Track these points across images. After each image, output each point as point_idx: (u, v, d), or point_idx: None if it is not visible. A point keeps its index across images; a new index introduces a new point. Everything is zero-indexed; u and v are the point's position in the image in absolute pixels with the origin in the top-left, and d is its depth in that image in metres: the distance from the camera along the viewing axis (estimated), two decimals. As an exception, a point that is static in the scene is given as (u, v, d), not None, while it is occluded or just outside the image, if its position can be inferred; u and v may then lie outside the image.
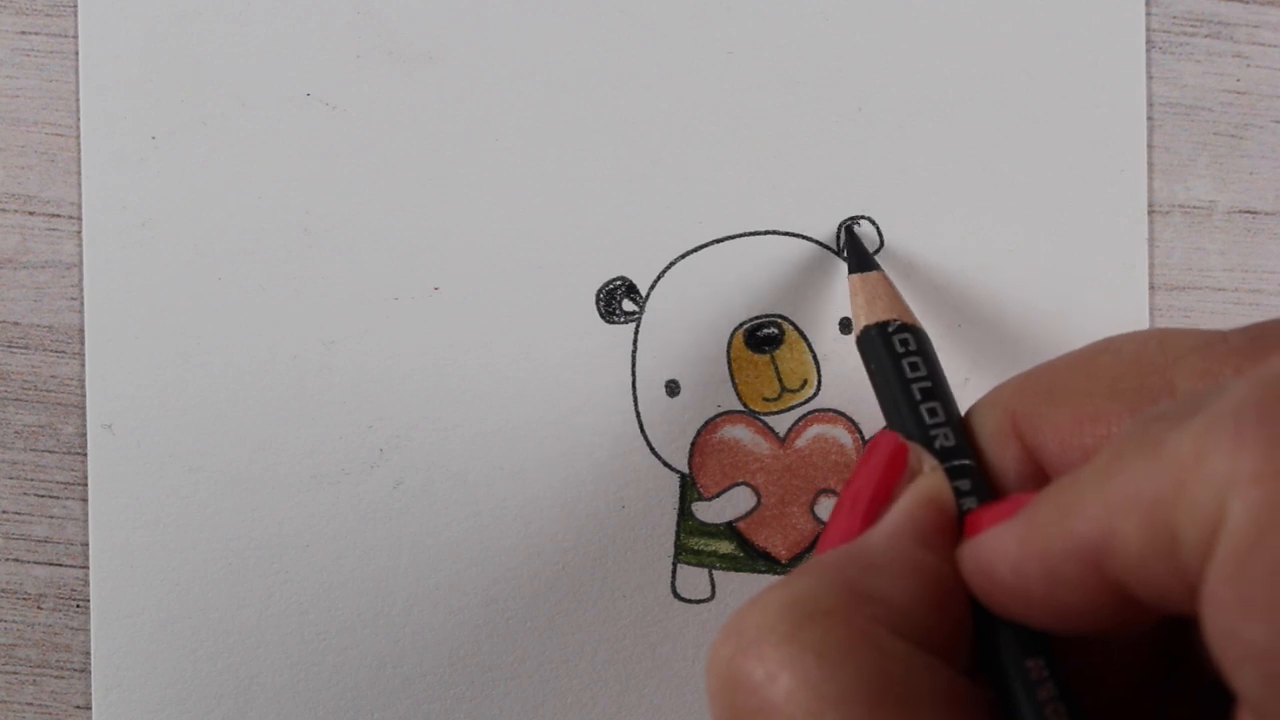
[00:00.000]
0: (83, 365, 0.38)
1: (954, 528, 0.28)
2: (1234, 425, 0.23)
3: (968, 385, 0.39)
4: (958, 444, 0.31)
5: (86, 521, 0.38)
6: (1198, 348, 0.27)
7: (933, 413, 0.32)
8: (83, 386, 0.38)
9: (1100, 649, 0.28)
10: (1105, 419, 0.28)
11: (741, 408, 0.39)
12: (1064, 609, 0.26)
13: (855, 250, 0.38)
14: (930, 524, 0.28)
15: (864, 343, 0.35)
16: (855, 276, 0.37)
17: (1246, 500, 0.22)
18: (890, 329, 0.34)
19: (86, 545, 0.38)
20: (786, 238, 0.39)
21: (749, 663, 0.25)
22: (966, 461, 0.30)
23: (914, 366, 0.33)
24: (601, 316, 0.39)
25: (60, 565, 0.39)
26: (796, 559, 0.39)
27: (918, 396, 0.32)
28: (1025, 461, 0.29)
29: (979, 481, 0.30)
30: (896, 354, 0.34)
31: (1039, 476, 0.29)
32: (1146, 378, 0.28)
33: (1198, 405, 0.24)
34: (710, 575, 0.39)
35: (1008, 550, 0.26)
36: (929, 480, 0.29)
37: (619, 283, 0.39)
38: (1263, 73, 0.40)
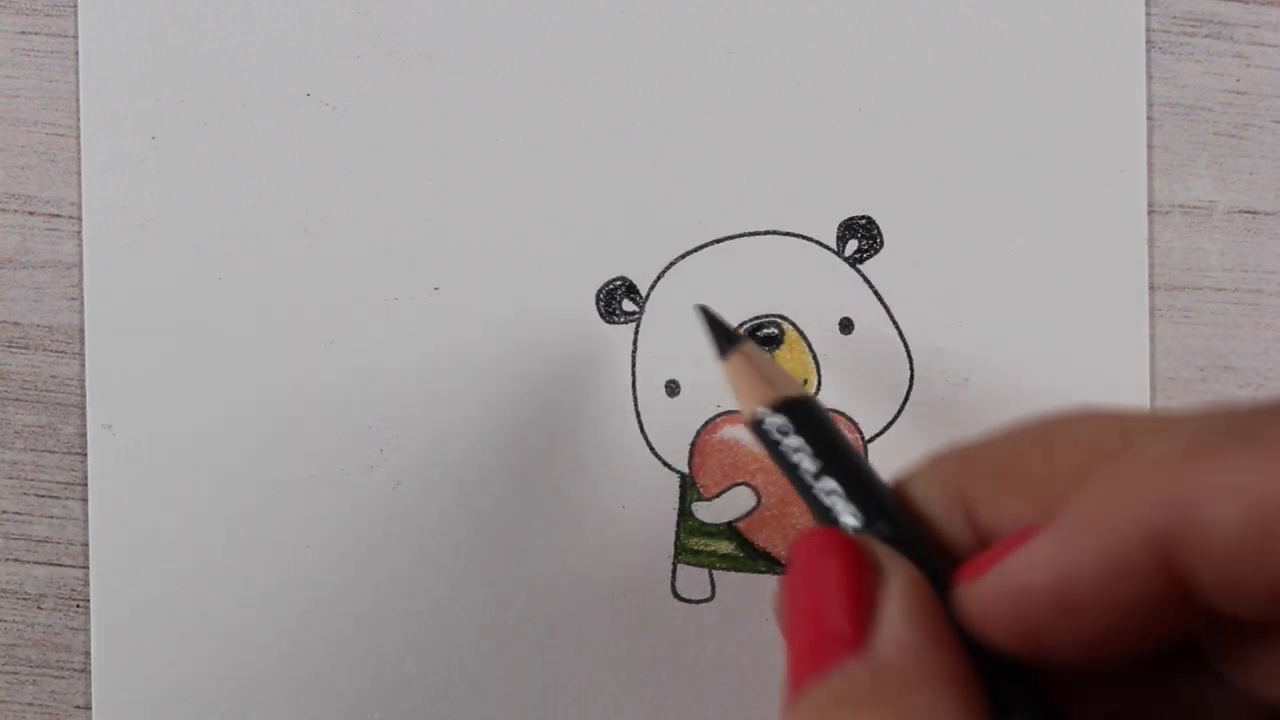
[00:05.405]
0: (83, 365, 0.38)
1: (945, 615, 0.27)
2: None
3: (968, 385, 0.39)
4: (899, 520, 0.29)
5: (86, 521, 0.38)
6: (1156, 433, 0.27)
7: (861, 490, 0.29)
8: (83, 386, 0.38)
9: (1103, 691, 0.28)
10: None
11: (741, 408, 0.39)
12: (1109, 613, 0.25)
13: (713, 331, 0.34)
14: (933, 620, 0.27)
15: (759, 432, 0.32)
16: (721, 365, 0.33)
17: None
18: (766, 421, 0.31)
19: (86, 545, 0.38)
20: (786, 238, 0.39)
21: None
22: (918, 538, 0.28)
23: (821, 446, 0.30)
24: (601, 316, 0.39)
25: (60, 565, 0.39)
26: (796, 559, 0.39)
27: (840, 478, 0.30)
28: (971, 538, 0.28)
29: (935, 555, 0.28)
30: (780, 445, 0.31)
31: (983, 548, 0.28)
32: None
33: None
34: (710, 575, 0.39)
35: (1049, 557, 0.25)
36: (904, 573, 0.27)
37: (619, 283, 0.39)
38: (1263, 73, 0.40)
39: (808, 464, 0.30)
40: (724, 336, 0.33)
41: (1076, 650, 0.26)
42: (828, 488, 0.29)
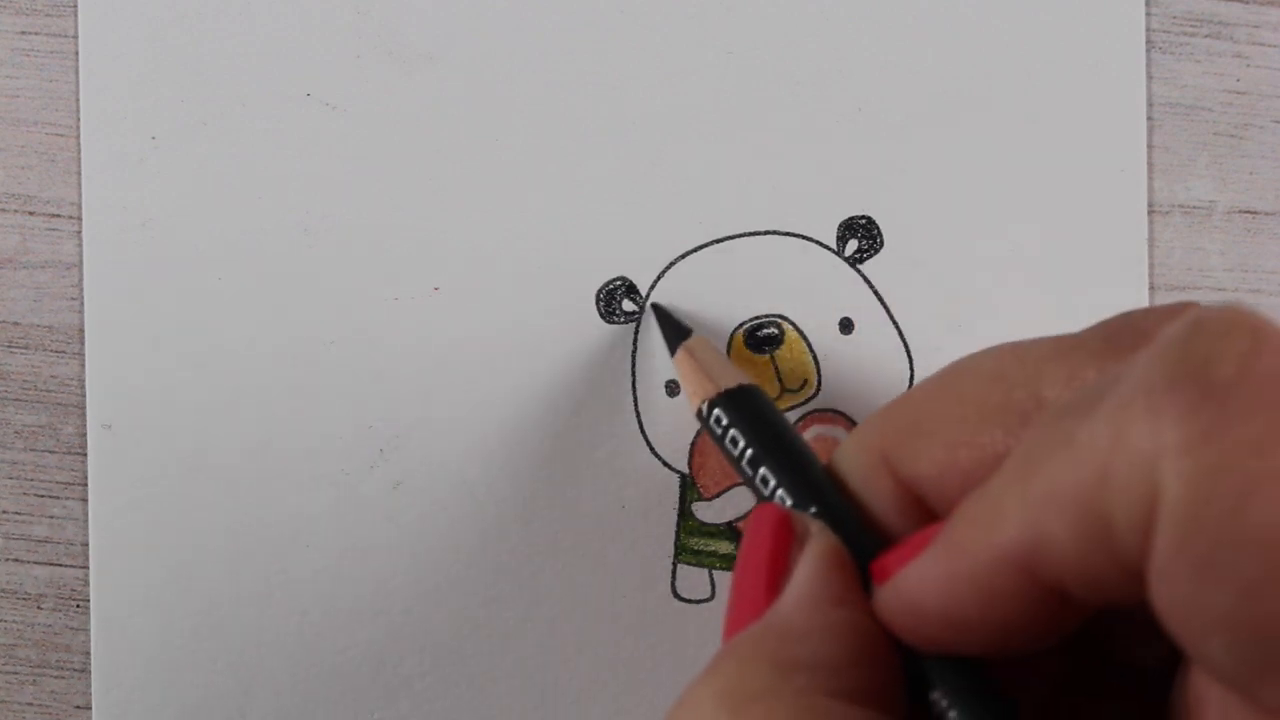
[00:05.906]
0: (83, 365, 0.38)
1: (859, 582, 0.28)
2: (1147, 402, 0.23)
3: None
4: (832, 499, 0.30)
5: (86, 521, 0.38)
6: (1055, 355, 0.27)
7: (794, 472, 0.31)
8: (83, 386, 0.38)
9: (1018, 663, 0.28)
10: (979, 441, 0.27)
11: (741, 408, 0.39)
12: (1000, 626, 0.25)
13: (664, 326, 0.38)
14: (837, 583, 0.28)
15: (705, 425, 0.35)
16: (675, 359, 0.37)
17: (1179, 470, 0.22)
18: (708, 414, 0.34)
19: (86, 545, 0.38)
20: (786, 238, 0.39)
21: None
22: (848, 513, 0.29)
23: (756, 434, 0.33)
24: (601, 316, 0.39)
25: (60, 565, 0.39)
26: (796, 559, 0.39)
27: (772, 464, 0.32)
28: (902, 497, 0.29)
29: (866, 529, 0.29)
30: (727, 430, 0.33)
31: (920, 509, 0.28)
32: (1012, 392, 0.27)
33: (1098, 394, 0.24)
34: (710, 575, 0.39)
35: (933, 579, 0.26)
36: (821, 541, 0.29)
37: (619, 283, 0.39)
38: (1263, 73, 0.40)
39: (746, 453, 0.32)
40: (674, 334, 0.37)
41: (984, 648, 0.26)
42: (764, 475, 0.32)
